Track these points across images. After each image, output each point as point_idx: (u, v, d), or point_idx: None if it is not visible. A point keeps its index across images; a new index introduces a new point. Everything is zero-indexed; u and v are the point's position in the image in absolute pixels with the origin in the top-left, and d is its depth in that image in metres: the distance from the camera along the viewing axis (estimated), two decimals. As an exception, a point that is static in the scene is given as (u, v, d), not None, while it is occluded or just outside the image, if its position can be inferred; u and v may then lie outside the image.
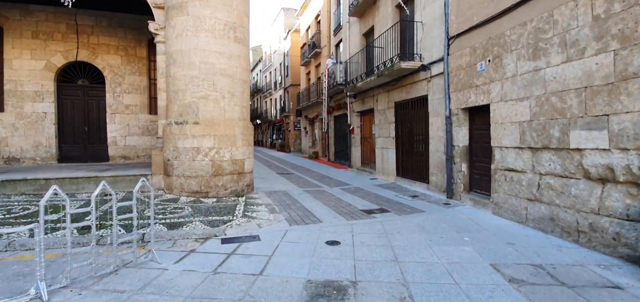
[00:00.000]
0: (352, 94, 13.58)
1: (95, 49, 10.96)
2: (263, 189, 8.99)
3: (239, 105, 7.91)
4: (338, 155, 16.63)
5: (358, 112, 13.53)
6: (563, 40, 4.74)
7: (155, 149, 8.07)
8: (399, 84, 9.82)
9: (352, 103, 13.97)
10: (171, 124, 7.59)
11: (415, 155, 9.39)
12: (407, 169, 9.85)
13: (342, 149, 15.97)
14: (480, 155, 6.87)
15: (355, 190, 9.04)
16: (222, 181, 7.52)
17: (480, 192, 6.89)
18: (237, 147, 7.76)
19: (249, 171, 8.19)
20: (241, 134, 7.87)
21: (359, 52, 12.57)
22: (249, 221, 5.63)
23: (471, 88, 6.74)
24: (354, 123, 13.91)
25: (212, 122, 7.43)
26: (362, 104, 12.95)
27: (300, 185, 9.92)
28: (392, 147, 10.49)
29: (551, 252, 4.32)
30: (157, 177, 7.97)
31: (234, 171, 7.72)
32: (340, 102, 15.56)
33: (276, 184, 10.10)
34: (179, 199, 7.19)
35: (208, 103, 7.43)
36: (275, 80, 33.04)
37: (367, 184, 10.12)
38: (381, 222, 5.77)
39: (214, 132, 7.43)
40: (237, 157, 7.79)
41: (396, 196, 8.04)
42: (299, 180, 10.98)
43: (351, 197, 7.95)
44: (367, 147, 13.20)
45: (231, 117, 7.72)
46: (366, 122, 13.22)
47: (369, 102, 12.21)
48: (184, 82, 7.41)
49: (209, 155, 7.39)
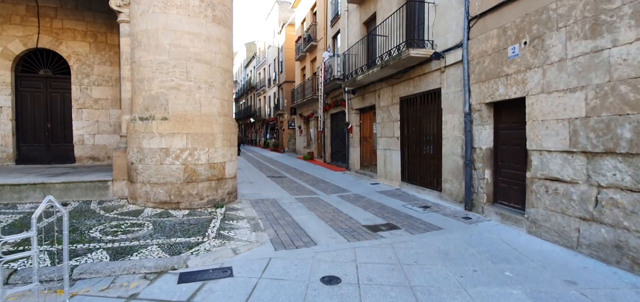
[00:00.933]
0: (351, 89, 12.36)
1: (60, 34, 9.60)
2: (249, 197, 7.73)
3: (219, 99, 6.65)
4: (335, 156, 15.42)
5: (357, 109, 12.31)
6: (638, 10, 3.56)
7: (118, 150, 6.78)
8: (406, 76, 8.61)
9: (350, 99, 12.75)
10: (135, 120, 6.31)
11: (425, 158, 8.19)
12: (414, 174, 8.65)
13: (340, 149, 14.75)
14: (509, 159, 5.69)
15: (355, 198, 7.82)
16: (196, 189, 6.25)
17: (508, 205, 5.70)
18: (215, 148, 6.50)
19: (230, 176, 6.93)
20: (221, 132, 6.61)
21: (359, 43, 11.35)
22: (222, 245, 4.37)
23: (499, 78, 5.55)
24: (352, 121, 12.69)
25: (184, 118, 6.16)
26: (361, 101, 11.73)
27: (292, 191, 8.67)
28: (397, 149, 9.29)
29: (630, 297, 3.13)
30: (119, 183, 6.69)
31: (212, 177, 6.46)
32: (338, 98, 14.34)
33: (265, 190, 8.84)
34: (142, 211, 5.91)
35: (180, 95, 6.16)
36: (269, 77, 31.73)
37: (369, 190, 8.91)
38: (391, 244, 4.55)
39: (187, 130, 6.16)
40: (216, 160, 6.52)
41: (404, 207, 6.83)
42: (291, 185, 9.73)
43: (351, 208, 6.72)
44: (367, 148, 11.99)
45: (209, 112, 6.45)
46: (366, 120, 12.01)
47: (370, 98, 10.99)
48: (151, 69, 6.13)
49: (180, 157, 6.11)
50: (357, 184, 9.99)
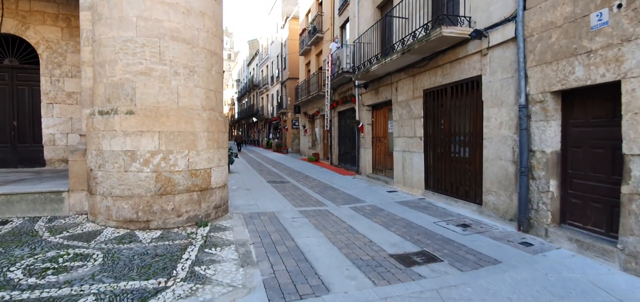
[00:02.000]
0: (362, 83, 10.94)
1: (27, 17, 8.29)
2: (243, 209, 6.34)
3: (203, 88, 5.26)
4: (343, 158, 13.99)
5: (369, 105, 10.87)
6: None
7: (75, 152, 5.42)
8: (432, 64, 7.17)
9: (361, 95, 11.32)
10: (94, 115, 4.95)
11: (456, 162, 6.75)
12: (442, 182, 7.20)
13: (348, 151, 13.33)
14: (586, 166, 4.23)
15: (372, 211, 6.39)
16: (172, 203, 4.87)
17: (585, 229, 4.25)
18: (198, 150, 5.12)
19: (218, 185, 5.55)
20: (205, 131, 5.23)
21: (372, 29, 9.91)
22: (192, 293, 2.98)
23: (575, 57, 4.09)
24: (363, 119, 11.26)
25: (156, 112, 4.78)
26: (375, 96, 10.30)
27: (295, 201, 7.27)
28: (419, 151, 7.84)
29: None
30: (77, 195, 5.33)
31: (193, 187, 5.08)
32: (346, 94, 12.91)
33: (263, 199, 7.44)
34: (100, 234, 4.54)
35: (151, 82, 4.78)
36: (272, 74, 30.38)
37: (386, 200, 7.48)
38: (437, 291, 3.14)
39: (160, 127, 4.78)
40: (199, 166, 5.14)
41: (436, 225, 5.40)
42: (294, 193, 8.33)
43: (369, 225, 5.31)
44: (380, 149, 10.55)
45: (189, 105, 5.07)
46: (380, 118, 10.57)
47: (385, 92, 9.56)
48: (113, 49, 4.76)
49: (150, 163, 4.74)
50: (370, 191, 8.56)
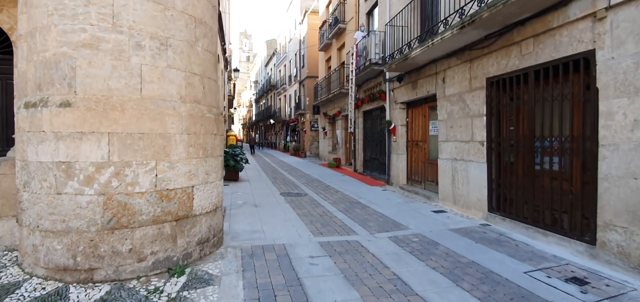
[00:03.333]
0: (395, 75, 9.07)
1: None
2: (243, 240, 4.64)
3: (182, 71, 3.60)
4: (369, 165, 12.12)
5: (404, 103, 8.99)
6: None
7: (3, 163, 3.89)
8: (504, 41, 5.26)
9: (393, 90, 9.45)
10: (19, 109, 3.38)
11: (543, 178, 4.78)
12: (516, 203, 5.24)
13: (376, 156, 11.45)
14: None
15: (422, 246, 4.53)
16: (130, 242, 3.22)
17: None
18: (172, 161, 3.45)
19: (206, 209, 3.87)
20: (184, 132, 3.56)
21: (409, 7, 8.04)
22: None
23: None
24: (395, 120, 9.38)
25: (106, 104, 3.15)
26: (411, 90, 8.41)
27: (314, 225, 5.50)
28: (479, 160, 5.91)
29: None
30: (5, 224, 3.79)
31: (164, 216, 3.41)
32: (374, 90, 11.06)
33: (273, 221, 5.72)
34: (19, 288, 2.95)
35: (98, 59, 3.15)
36: (290, 74, 28.89)
37: (435, 225, 5.58)
38: None
39: (111, 126, 3.15)
40: (174, 185, 3.47)
41: (531, 278, 3.48)
42: (313, 211, 6.56)
43: (426, 276, 3.47)
44: (418, 156, 8.63)
45: (159, 94, 3.41)
46: (417, 117, 8.66)
47: (426, 85, 7.66)
48: (46, 10, 3.18)
49: (95, 181, 3.10)
50: (410, 210, 6.67)
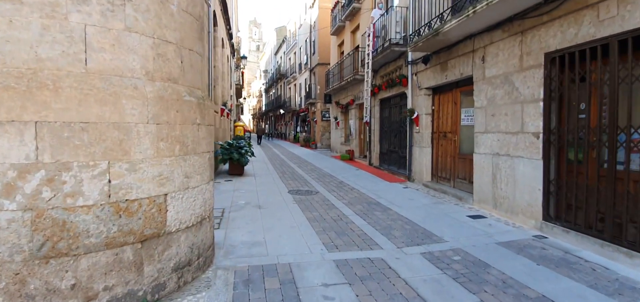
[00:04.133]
0: (420, 56, 7.92)
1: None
2: (239, 258, 3.69)
3: (148, 37, 2.61)
4: (386, 158, 11.03)
5: (429, 88, 7.85)
6: None
7: None
8: (571, 4, 4.09)
9: (417, 74, 8.30)
10: None
11: (630, 183, 3.65)
12: (588, 212, 4.11)
13: (394, 149, 10.35)
14: None
15: (469, 268, 3.50)
16: (73, 274, 2.29)
17: None
18: (133, 162, 2.49)
19: (187, 224, 2.92)
20: (151, 121, 2.59)
21: (439, -24, 6.84)
22: None
23: None
24: (419, 108, 8.25)
25: (33, 80, 2.19)
26: (440, 73, 7.26)
27: (328, 235, 4.51)
28: (532, 156, 4.79)
29: None
30: None
31: (123, 237, 2.47)
32: (393, 75, 9.91)
33: (278, 229, 4.75)
34: None
35: (20, 16, 2.18)
36: (300, 62, 27.76)
37: (476, 236, 4.52)
38: None
39: (39, 112, 2.19)
40: (138, 195, 2.52)
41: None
42: (326, 214, 5.57)
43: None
44: (446, 149, 7.51)
45: (112, 67, 2.44)
46: (446, 105, 7.52)
47: (460, 66, 6.51)
48: (-53, -54, 2.21)
49: (17, 191, 2.16)
50: (441, 215, 5.60)
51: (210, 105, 3.47)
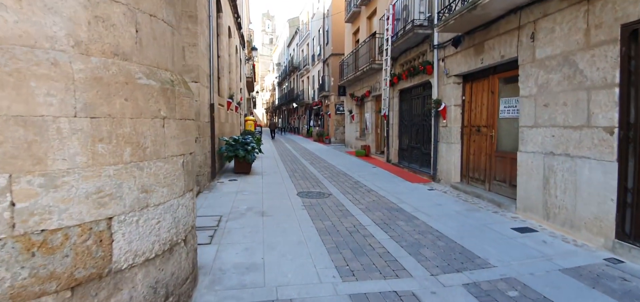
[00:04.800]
0: (449, 39, 6.89)
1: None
2: (225, 291, 2.86)
3: None
4: (406, 155, 10.03)
5: (460, 75, 6.82)
6: None
7: None
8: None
9: (444, 59, 7.26)
10: None
11: None
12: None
13: (415, 144, 9.35)
14: None
15: (535, 315, 2.57)
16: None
17: None
18: (51, 173, 1.69)
19: (147, 256, 2.12)
20: (81, 115, 1.78)
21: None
22: None
23: None
24: (447, 98, 7.23)
25: None
26: (474, 57, 6.22)
27: (341, 254, 3.64)
28: (603, 156, 3.75)
29: None
30: None
31: (40, 284, 1.67)
32: (416, 63, 8.87)
33: (281, 246, 3.91)
34: None
35: None
36: (313, 53, 26.81)
37: (534, 261, 3.55)
38: None
39: None
40: (61, 222, 1.72)
41: None
42: (340, 224, 4.69)
43: None
44: (480, 145, 6.48)
45: (24, 32, 1.63)
46: (480, 94, 6.48)
47: (500, 47, 5.46)
48: None
49: None
50: (479, 227, 4.63)
51: (187, 93, 2.63)
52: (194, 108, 2.86)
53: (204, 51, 6.92)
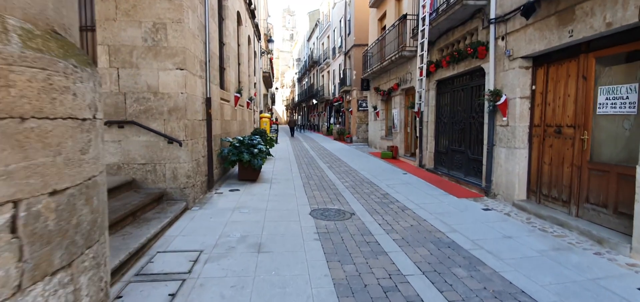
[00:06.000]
0: (515, 8, 5.13)
1: None
2: None
3: None
4: (445, 160, 8.29)
5: (529, 57, 5.07)
6: None
7: None
8: None
9: (506, 36, 5.50)
10: None
11: None
12: None
13: (459, 148, 7.60)
14: None
15: None
16: None
17: None
18: None
19: None
20: None
21: None
22: None
23: None
24: (509, 88, 5.48)
25: None
26: (556, 29, 4.46)
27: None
28: None
29: None
30: None
31: None
32: (461, 46, 7.13)
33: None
34: None
35: None
36: (334, 46, 25.20)
37: None
38: None
39: None
40: None
41: None
42: (367, 272, 3.15)
43: None
44: (561, 151, 4.70)
45: None
46: (563, 81, 4.71)
47: (602, 11, 3.69)
48: None
49: None
50: (589, 286, 2.95)
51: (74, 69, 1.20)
52: (89, 99, 1.41)
53: (196, 32, 5.55)
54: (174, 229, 4.24)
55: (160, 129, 4.97)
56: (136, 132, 4.94)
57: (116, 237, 3.49)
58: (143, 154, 4.97)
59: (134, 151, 4.96)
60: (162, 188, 5.02)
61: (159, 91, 4.93)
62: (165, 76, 4.91)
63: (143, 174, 5.00)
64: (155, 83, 4.91)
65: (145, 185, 5.00)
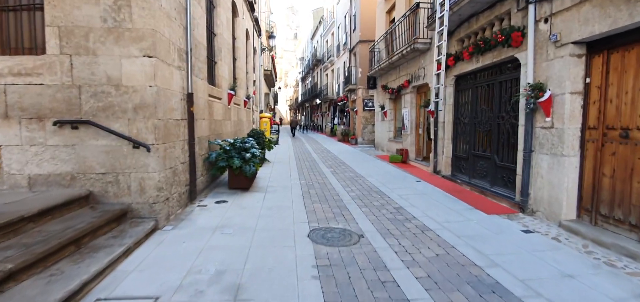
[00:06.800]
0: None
1: None
2: None
3: None
4: (465, 166, 7.25)
5: (582, 42, 4.04)
6: None
7: None
8: None
9: (550, 17, 4.47)
10: None
11: None
12: None
13: (484, 153, 6.57)
14: None
15: None
16: None
17: None
18: None
19: None
20: None
21: None
22: None
23: None
24: (554, 82, 4.45)
25: None
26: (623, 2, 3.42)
27: None
28: None
29: None
30: None
31: None
32: (488, 34, 6.10)
33: None
34: None
35: None
36: (338, 43, 24.21)
37: None
38: None
39: None
40: None
41: None
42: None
43: None
44: (627, 160, 3.67)
45: None
46: (629, 72, 3.67)
47: None
48: None
49: None
50: None
51: None
52: None
53: (172, 13, 4.60)
54: (130, 261, 3.28)
55: (124, 130, 4.03)
56: (94, 134, 4.00)
57: (38, 280, 2.54)
58: (102, 162, 4.03)
59: (91, 158, 4.02)
60: (126, 203, 4.07)
61: (122, 84, 3.99)
62: (129, 65, 3.97)
63: (103, 186, 4.05)
64: (117, 73, 3.97)
65: (106, 199, 4.06)
